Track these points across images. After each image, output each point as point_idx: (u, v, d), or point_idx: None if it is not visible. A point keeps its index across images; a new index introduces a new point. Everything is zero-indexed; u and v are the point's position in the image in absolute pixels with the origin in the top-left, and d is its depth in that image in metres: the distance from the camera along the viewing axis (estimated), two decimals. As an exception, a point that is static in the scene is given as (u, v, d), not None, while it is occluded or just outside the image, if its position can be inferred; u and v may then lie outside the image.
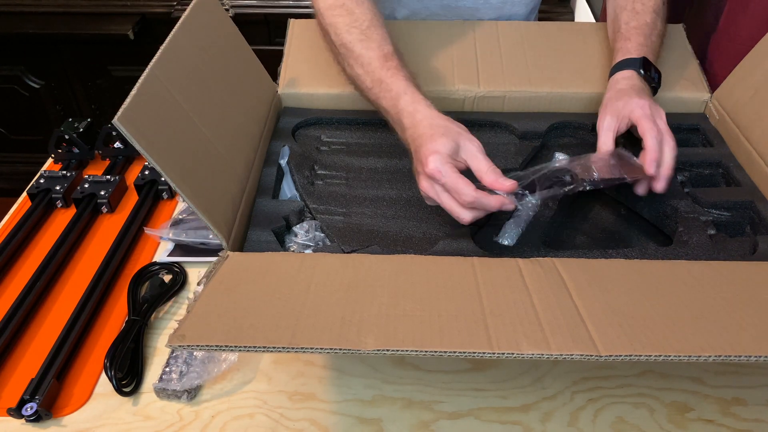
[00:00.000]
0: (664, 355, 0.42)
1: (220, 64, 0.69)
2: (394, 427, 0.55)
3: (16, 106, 1.75)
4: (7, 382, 0.59)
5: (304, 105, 0.83)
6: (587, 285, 0.49)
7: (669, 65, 0.82)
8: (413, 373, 0.60)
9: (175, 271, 0.69)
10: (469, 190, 0.56)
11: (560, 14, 1.39)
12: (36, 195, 0.79)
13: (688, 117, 0.80)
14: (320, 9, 0.74)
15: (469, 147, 0.58)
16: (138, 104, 0.50)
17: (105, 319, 0.65)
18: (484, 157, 0.58)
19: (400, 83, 0.65)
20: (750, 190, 0.67)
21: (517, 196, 0.59)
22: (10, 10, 1.56)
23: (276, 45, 1.34)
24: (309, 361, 0.61)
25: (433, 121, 0.61)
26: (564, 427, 0.55)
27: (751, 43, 0.74)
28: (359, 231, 0.64)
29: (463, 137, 0.59)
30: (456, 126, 0.60)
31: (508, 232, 0.64)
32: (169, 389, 0.56)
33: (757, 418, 0.56)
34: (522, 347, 0.43)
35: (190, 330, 0.44)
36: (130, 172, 0.87)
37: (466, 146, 0.58)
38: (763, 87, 0.71)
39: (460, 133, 0.59)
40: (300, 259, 0.53)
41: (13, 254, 0.72)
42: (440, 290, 0.49)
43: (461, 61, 0.83)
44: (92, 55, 1.63)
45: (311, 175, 0.72)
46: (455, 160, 0.58)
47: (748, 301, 0.48)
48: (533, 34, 0.87)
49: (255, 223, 0.63)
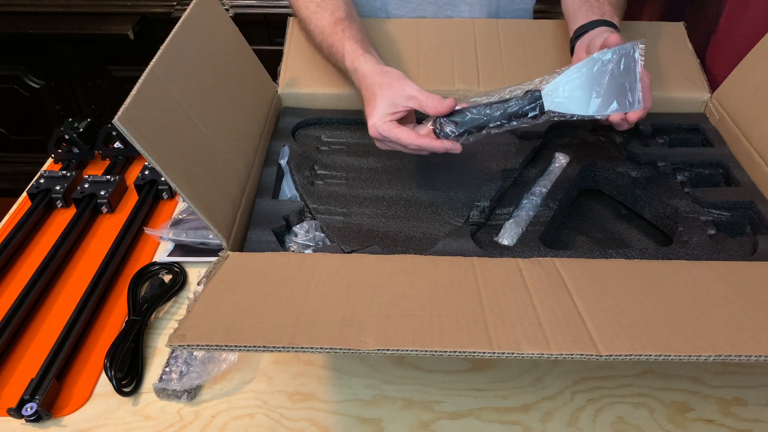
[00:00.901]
0: (664, 355, 0.42)
1: (220, 64, 0.69)
2: (394, 427, 0.55)
3: (16, 106, 1.74)
4: (7, 382, 0.59)
5: (304, 105, 0.83)
6: (587, 285, 0.49)
7: (669, 65, 0.82)
8: (413, 373, 0.60)
9: (175, 271, 0.69)
10: (411, 140, 0.61)
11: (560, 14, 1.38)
12: (36, 195, 0.79)
13: (688, 117, 0.80)
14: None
15: (403, 93, 0.62)
16: (138, 104, 0.50)
17: (105, 319, 0.65)
18: (421, 93, 0.61)
19: (344, 45, 0.71)
20: (750, 190, 0.67)
21: (471, 134, 0.61)
22: (10, 10, 1.55)
23: (276, 45, 1.34)
24: (309, 361, 0.61)
25: (370, 80, 0.66)
26: (564, 427, 0.55)
27: (751, 43, 0.74)
28: (359, 231, 0.64)
29: (394, 88, 0.63)
30: (388, 78, 0.64)
31: (508, 232, 0.64)
32: (169, 389, 0.56)
33: (757, 418, 0.56)
34: (522, 347, 0.43)
35: (190, 330, 0.44)
36: (130, 172, 0.86)
37: (400, 95, 0.62)
38: (763, 87, 0.71)
39: (391, 85, 0.63)
40: (300, 259, 0.53)
41: (13, 254, 0.72)
42: (440, 290, 0.49)
43: (461, 60, 0.83)
44: (92, 55, 1.62)
45: (311, 175, 0.72)
46: (395, 113, 0.62)
47: (748, 301, 0.48)
48: (533, 32, 0.87)
49: (255, 223, 0.63)
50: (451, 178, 0.71)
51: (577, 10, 0.76)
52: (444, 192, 0.69)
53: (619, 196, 0.71)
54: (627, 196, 0.70)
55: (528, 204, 0.66)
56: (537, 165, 0.73)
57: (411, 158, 0.74)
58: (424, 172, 0.72)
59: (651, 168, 0.71)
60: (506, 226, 0.64)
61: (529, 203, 0.67)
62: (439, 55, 0.84)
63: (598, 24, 0.71)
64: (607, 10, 0.74)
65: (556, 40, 0.85)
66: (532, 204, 0.67)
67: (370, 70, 0.66)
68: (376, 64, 0.67)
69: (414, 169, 0.73)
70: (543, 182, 0.70)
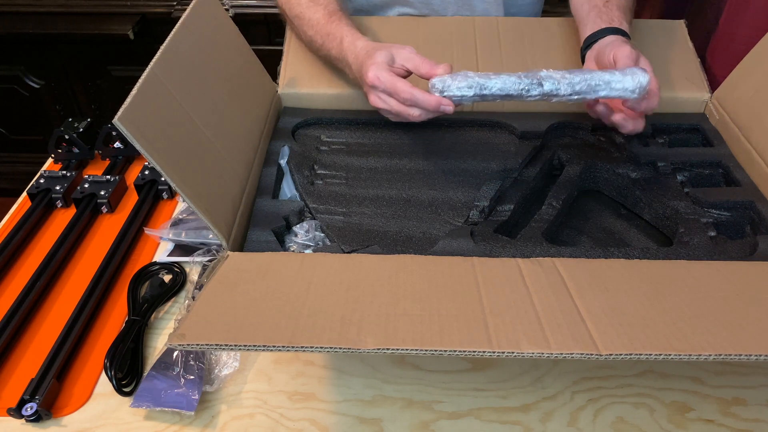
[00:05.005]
0: (664, 354, 0.42)
1: (220, 64, 0.69)
2: (394, 427, 0.55)
3: (16, 106, 1.74)
4: (7, 382, 0.59)
5: (304, 105, 0.83)
6: (587, 285, 0.49)
7: (669, 64, 0.82)
8: (413, 373, 0.60)
9: (175, 271, 0.69)
10: (406, 87, 0.62)
11: (561, 14, 1.39)
12: (36, 195, 0.79)
13: (688, 117, 0.80)
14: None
15: (402, 53, 0.65)
16: (138, 104, 0.50)
17: (105, 319, 0.65)
18: (417, 56, 0.64)
19: (343, 29, 0.73)
20: (750, 190, 0.67)
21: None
22: (10, 10, 1.56)
23: (276, 45, 1.34)
24: (309, 361, 0.61)
25: (368, 48, 0.68)
26: (564, 427, 0.55)
27: (751, 43, 0.74)
28: (359, 231, 0.64)
29: (395, 47, 0.66)
30: (386, 45, 0.68)
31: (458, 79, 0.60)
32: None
33: (757, 418, 0.56)
34: (522, 346, 0.43)
35: (190, 329, 0.44)
36: (130, 172, 0.87)
37: (399, 53, 0.65)
38: (763, 87, 0.71)
39: (393, 45, 0.67)
40: (300, 259, 0.53)
41: (13, 254, 0.72)
42: (440, 290, 0.49)
43: (461, 60, 0.83)
44: (92, 55, 1.62)
45: (311, 174, 0.72)
46: (393, 67, 0.65)
47: (748, 301, 0.48)
48: (534, 30, 0.87)
49: (255, 223, 0.63)
50: (451, 178, 0.71)
51: (585, 17, 0.75)
52: (444, 192, 0.69)
53: (619, 198, 0.71)
54: (627, 198, 0.70)
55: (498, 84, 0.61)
56: (537, 165, 0.73)
57: (411, 158, 0.74)
58: (424, 172, 0.72)
59: (651, 168, 0.71)
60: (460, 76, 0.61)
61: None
62: (439, 54, 0.84)
63: (607, 33, 0.71)
64: (615, 15, 0.73)
65: (558, 38, 0.85)
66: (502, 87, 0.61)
67: (372, 43, 0.70)
68: (376, 42, 0.70)
69: (414, 169, 0.73)
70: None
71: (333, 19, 0.75)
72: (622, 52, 0.64)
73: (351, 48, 0.71)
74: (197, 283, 0.67)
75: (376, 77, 0.64)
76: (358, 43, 0.70)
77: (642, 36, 0.84)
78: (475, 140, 0.77)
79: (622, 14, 0.74)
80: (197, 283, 0.67)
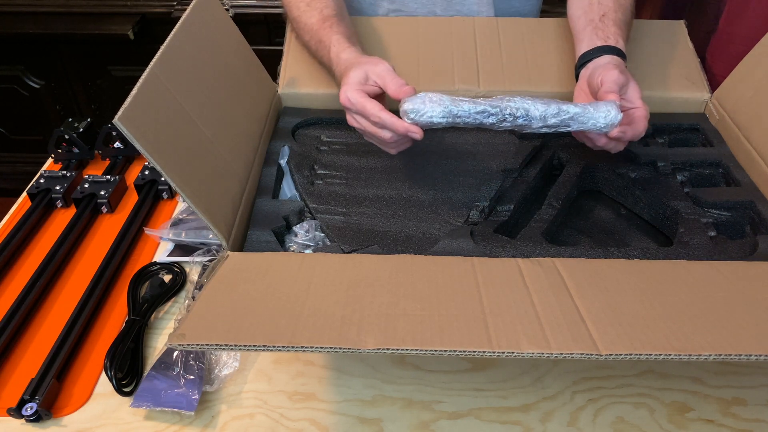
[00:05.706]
0: (664, 354, 0.42)
1: (220, 64, 0.69)
2: (394, 427, 0.55)
3: (16, 106, 1.75)
4: (7, 382, 0.59)
5: (304, 105, 0.83)
6: (587, 285, 0.49)
7: (669, 64, 0.82)
8: (413, 372, 0.60)
9: (175, 271, 0.69)
10: (375, 111, 0.61)
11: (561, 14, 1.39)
12: (36, 195, 0.79)
13: (688, 117, 0.80)
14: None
15: (375, 70, 0.63)
16: (138, 104, 0.50)
17: (105, 319, 0.65)
18: (389, 73, 0.63)
19: (332, 37, 0.73)
20: (750, 190, 0.67)
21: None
22: (10, 10, 1.56)
23: (276, 45, 1.34)
24: (309, 361, 0.61)
25: (351, 62, 0.67)
26: (564, 427, 0.55)
27: (751, 43, 0.74)
28: (359, 231, 0.64)
29: (370, 64, 0.64)
30: (367, 58, 0.67)
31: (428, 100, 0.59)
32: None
33: (757, 418, 0.56)
34: (522, 346, 0.43)
35: (190, 329, 0.44)
36: (130, 172, 0.87)
37: (373, 71, 0.64)
38: (763, 87, 0.71)
39: (369, 61, 0.65)
40: (300, 259, 0.53)
41: (13, 254, 0.72)
42: (440, 290, 0.49)
43: (461, 60, 0.83)
44: (92, 55, 1.63)
45: (311, 174, 0.72)
46: (367, 86, 0.63)
47: (748, 301, 0.48)
48: (533, 31, 0.87)
49: (255, 223, 0.63)
50: (450, 178, 0.71)
51: (581, 32, 0.75)
52: (444, 192, 0.69)
53: (619, 198, 0.71)
54: (627, 198, 0.70)
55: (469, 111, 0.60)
56: (537, 165, 0.73)
57: (411, 158, 0.74)
58: (424, 172, 0.72)
59: (651, 168, 0.71)
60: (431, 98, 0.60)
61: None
62: (439, 54, 0.84)
63: (602, 52, 0.70)
64: (611, 32, 0.72)
65: (558, 38, 0.85)
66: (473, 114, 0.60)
67: (353, 56, 0.69)
68: (359, 55, 0.69)
69: (414, 169, 0.73)
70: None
71: (325, 25, 0.75)
72: (610, 77, 0.63)
73: (336, 59, 0.71)
74: (197, 283, 0.67)
75: (347, 98, 0.63)
76: (342, 56, 0.70)
77: (642, 36, 0.84)
78: (475, 140, 0.77)
79: (619, 30, 0.72)
80: (197, 283, 0.67)
